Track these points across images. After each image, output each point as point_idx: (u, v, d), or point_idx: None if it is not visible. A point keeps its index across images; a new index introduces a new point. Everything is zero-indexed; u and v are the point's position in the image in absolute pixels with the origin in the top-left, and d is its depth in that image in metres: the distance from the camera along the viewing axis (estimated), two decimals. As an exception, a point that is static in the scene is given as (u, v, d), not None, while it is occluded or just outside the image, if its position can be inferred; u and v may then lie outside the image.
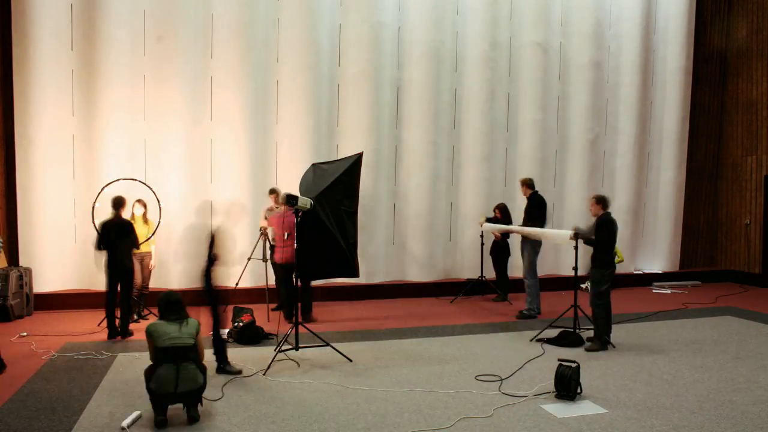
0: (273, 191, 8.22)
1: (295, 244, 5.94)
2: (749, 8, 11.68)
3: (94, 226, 7.34)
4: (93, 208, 7.55)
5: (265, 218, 8.09)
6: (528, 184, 8.24)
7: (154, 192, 7.80)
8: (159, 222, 7.84)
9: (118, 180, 7.77)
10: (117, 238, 6.72)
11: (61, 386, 5.05)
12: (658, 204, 11.80)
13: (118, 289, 6.80)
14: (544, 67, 10.70)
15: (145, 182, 7.97)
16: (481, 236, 9.61)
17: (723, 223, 12.24)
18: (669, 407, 4.70)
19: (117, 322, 6.80)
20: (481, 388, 5.12)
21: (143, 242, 7.47)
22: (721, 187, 12.28)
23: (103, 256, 6.81)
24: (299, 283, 6.35)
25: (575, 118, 11.03)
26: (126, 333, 6.82)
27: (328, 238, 6.07)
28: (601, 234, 6.38)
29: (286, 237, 7.35)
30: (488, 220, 9.33)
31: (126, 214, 7.07)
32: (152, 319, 7.54)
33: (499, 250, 9.48)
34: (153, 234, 7.82)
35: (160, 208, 7.80)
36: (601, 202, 6.48)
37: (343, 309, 8.71)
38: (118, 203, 6.85)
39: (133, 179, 7.90)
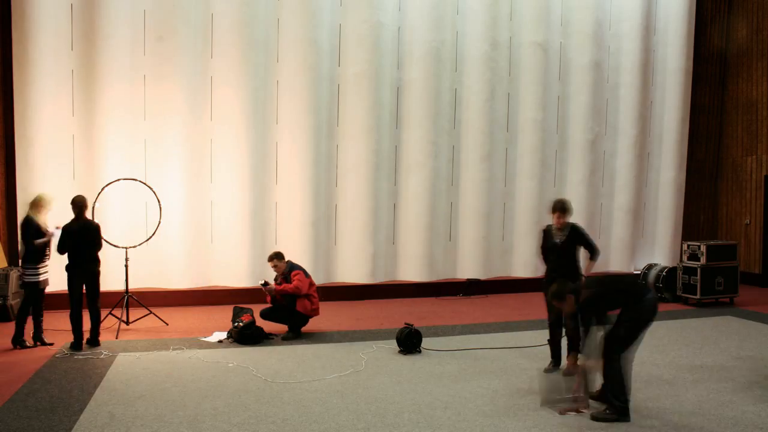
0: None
1: None
2: (749, 8, 11.68)
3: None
4: (93, 208, 7.54)
5: None
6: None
7: (154, 192, 7.80)
8: (159, 222, 7.84)
9: (118, 180, 7.77)
10: (81, 240, 6.31)
11: (61, 386, 5.05)
12: (658, 204, 11.80)
13: (83, 293, 6.37)
14: (544, 67, 10.69)
15: (145, 182, 7.97)
16: None
17: (723, 223, 12.23)
18: (669, 407, 4.70)
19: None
20: (481, 388, 5.12)
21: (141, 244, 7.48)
22: (721, 187, 12.28)
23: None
24: None
25: (575, 118, 11.03)
26: (95, 343, 6.36)
27: None
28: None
29: None
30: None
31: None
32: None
33: None
34: (153, 234, 7.82)
35: (160, 207, 7.80)
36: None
37: (343, 308, 8.71)
38: (80, 204, 6.39)
39: (133, 179, 7.90)
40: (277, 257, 6.96)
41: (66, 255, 6.38)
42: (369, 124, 9.71)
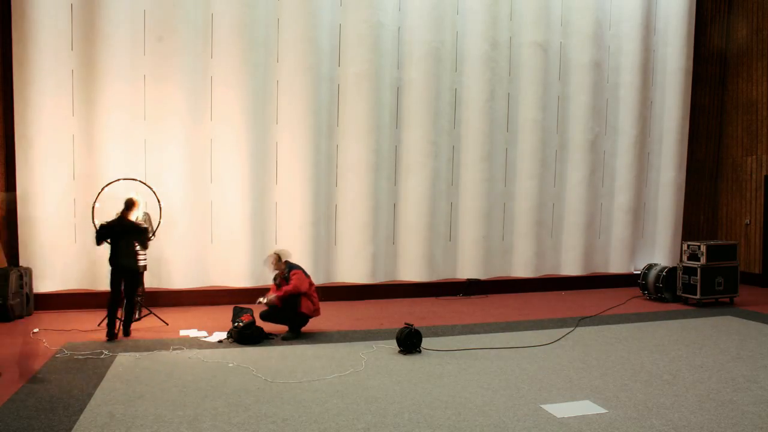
0: None
1: None
2: (749, 8, 11.68)
3: (94, 226, 7.33)
4: (93, 208, 7.54)
5: None
6: None
7: (154, 192, 7.79)
8: (159, 222, 7.83)
9: (118, 180, 7.76)
10: (119, 237, 6.79)
11: (61, 386, 5.05)
12: (658, 204, 11.80)
13: (122, 288, 6.86)
14: (544, 67, 10.69)
15: (145, 182, 7.96)
16: None
17: (723, 223, 12.24)
18: (669, 407, 4.70)
19: (118, 323, 6.81)
20: (481, 388, 5.12)
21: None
22: (721, 187, 12.28)
23: (105, 254, 6.84)
24: None
25: (575, 118, 11.03)
26: (127, 333, 6.85)
27: None
28: None
29: None
30: None
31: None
32: (149, 320, 7.56)
33: None
34: (153, 234, 7.80)
35: (160, 207, 7.79)
36: None
37: (343, 308, 8.71)
38: (129, 204, 6.93)
39: (133, 179, 7.89)
40: (277, 256, 6.97)
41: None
42: (369, 124, 9.71)
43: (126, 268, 6.83)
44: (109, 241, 6.81)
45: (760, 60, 11.40)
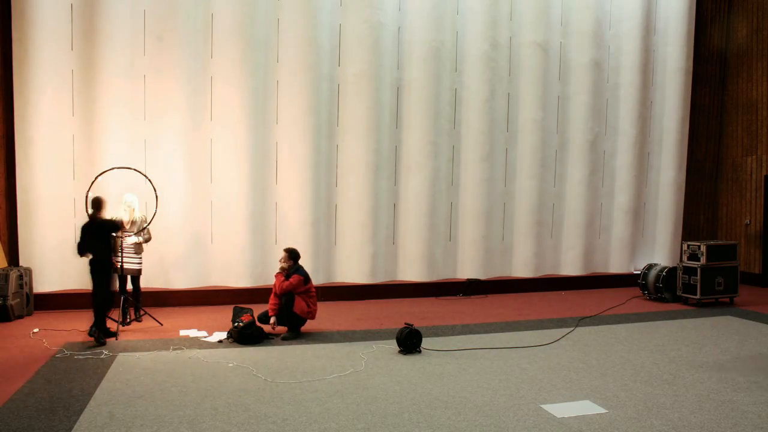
0: None
1: None
2: (749, 8, 11.68)
3: (88, 215, 7.24)
4: (86, 197, 7.42)
5: None
6: None
7: (149, 179, 7.66)
8: (155, 211, 7.65)
9: (113, 168, 7.64)
10: (97, 239, 6.59)
11: (61, 386, 5.05)
12: (658, 204, 11.80)
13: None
14: (544, 67, 10.69)
15: (139, 170, 7.85)
16: None
17: (723, 223, 12.24)
18: (669, 407, 4.70)
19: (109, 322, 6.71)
20: (481, 388, 5.12)
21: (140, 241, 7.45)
22: (721, 187, 12.28)
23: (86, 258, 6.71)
24: None
25: (575, 118, 11.03)
26: (108, 334, 6.62)
27: None
28: None
29: None
30: None
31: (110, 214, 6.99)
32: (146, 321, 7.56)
33: None
34: (146, 226, 7.64)
35: (156, 196, 7.62)
36: None
37: (343, 308, 8.72)
38: (98, 204, 6.70)
39: (127, 168, 7.76)
40: (288, 253, 6.99)
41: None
42: (369, 124, 9.71)
43: (99, 262, 6.56)
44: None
45: (760, 60, 11.40)
